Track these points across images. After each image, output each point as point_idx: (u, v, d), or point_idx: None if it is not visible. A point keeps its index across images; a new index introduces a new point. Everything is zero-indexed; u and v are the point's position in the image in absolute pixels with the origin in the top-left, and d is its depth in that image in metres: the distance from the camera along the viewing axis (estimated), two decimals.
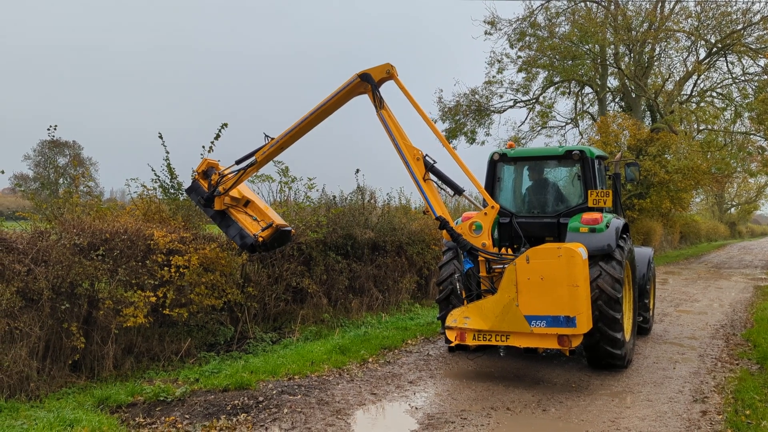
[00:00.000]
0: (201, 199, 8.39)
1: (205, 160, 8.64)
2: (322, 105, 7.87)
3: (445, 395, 6.81)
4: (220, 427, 5.69)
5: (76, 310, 7.29)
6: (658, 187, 27.27)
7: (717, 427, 5.77)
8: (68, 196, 8.87)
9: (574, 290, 6.46)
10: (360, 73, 7.63)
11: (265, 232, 8.27)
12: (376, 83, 7.58)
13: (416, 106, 7.62)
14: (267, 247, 8.52)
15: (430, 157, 7.41)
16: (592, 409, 6.34)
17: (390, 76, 7.59)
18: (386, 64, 7.59)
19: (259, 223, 8.42)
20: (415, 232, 13.12)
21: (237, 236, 8.34)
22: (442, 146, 7.57)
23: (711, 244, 52.18)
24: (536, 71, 29.35)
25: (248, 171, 8.24)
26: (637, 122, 27.35)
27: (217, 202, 8.28)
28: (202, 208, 8.57)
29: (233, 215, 8.41)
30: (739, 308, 13.48)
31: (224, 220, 8.42)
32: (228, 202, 8.41)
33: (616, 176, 9.48)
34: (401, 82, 7.60)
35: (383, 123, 7.55)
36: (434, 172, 7.35)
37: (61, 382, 7.05)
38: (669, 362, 8.33)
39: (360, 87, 7.70)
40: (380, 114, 7.58)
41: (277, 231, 8.41)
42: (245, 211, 8.55)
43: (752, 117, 26.57)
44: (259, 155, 8.12)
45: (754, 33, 26.22)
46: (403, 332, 9.96)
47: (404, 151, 7.38)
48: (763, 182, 58.42)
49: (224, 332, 9.05)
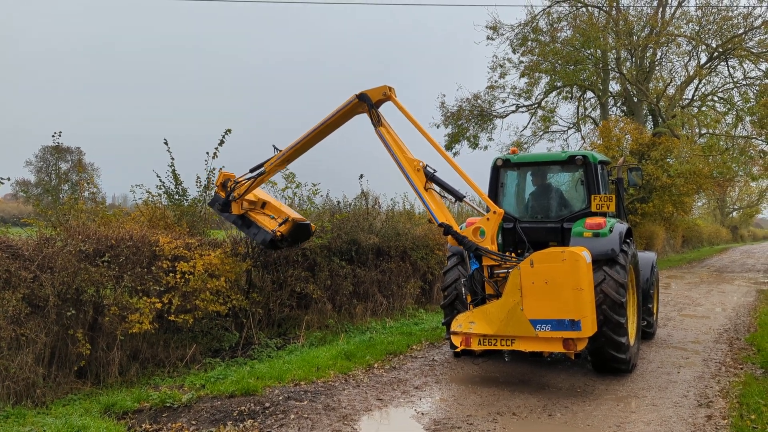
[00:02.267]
0: (219, 204, 8.85)
1: (221, 172, 9.02)
2: (322, 123, 8.24)
3: (451, 400, 6.82)
4: None
5: (82, 316, 7.33)
6: (661, 192, 27.28)
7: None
8: (73, 203, 8.91)
9: (578, 293, 6.47)
10: (358, 93, 7.92)
11: (282, 227, 8.72)
12: (374, 103, 7.84)
13: (416, 124, 7.78)
14: (289, 242, 8.98)
15: (430, 167, 7.53)
16: (597, 413, 6.35)
17: (387, 97, 7.85)
18: (384, 86, 7.86)
19: (276, 219, 8.84)
20: (419, 237, 13.14)
21: (258, 235, 8.79)
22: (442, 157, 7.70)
23: (713, 248, 52.14)
24: (538, 76, 29.39)
25: (258, 179, 8.71)
26: (639, 126, 27.38)
27: (234, 207, 8.80)
28: (223, 215, 9.00)
29: (252, 217, 8.90)
30: (743, 312, 13.47)
31: (245, 222, 8.90)
32: (246, 207, 8.90)
33: (619, 181, 9.50)
34: (399, 103, 7.84)
35: (382, 139, 7.79)
36: (435, 180, 7.51)
37: (66, 388, 7.07)
38: (673, 367, 8.33)
39: (358, 107, 8.01)
40: (378, 131, 7.83)
41: (295, 225, 8.87)
42: (263, 212, 9.00)
43: (754, 121, 26.58)
44: (267, 165, 8.60)
45: (755, 37, 26.26)
46: (408, 337, 9.97)
47: (404, 165, 7.57)
48: (764, 186, 58.33)
49: (229, 338, 9.07)
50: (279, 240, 8.70)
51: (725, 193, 66.06)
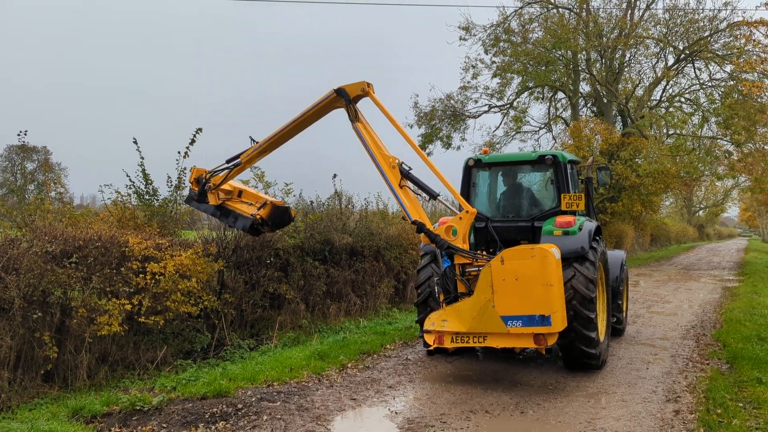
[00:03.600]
0: (195, 195, 8.81)
1: (194, 168, 8.93)
2: (300, 117, 8.21)
3: (425, 399, 6.85)
4: None
5: (49, 319, 7.16)
6: (630, 191, 27.78)
7: (690, 426, 5.89)
8: (39, 203, 8.72)
9: (548, 289, 6.56)
10: (336, 88, 7.90)
11: (261, 210, 8.72)
12: (352, 99, 7.85)
13: (393, 121, 7.83)
14: (270, 226, 8.96)
15: (406, 164, 7.55)
16: (568, 410, 6.43)
17: (365, 93, 7.85)
18: (362, 82, 7.86)
19: (254, 205, 8.85)
20: (392, 237, 13.16)
21: (237, 222, 8.82)
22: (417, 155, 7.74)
23: (680, 246, 53.24)
24: (510, 77, 29.65)
25: (234, 170, 8.68)
26: (608, 127, 27.84)
27: (211, 197, 8.78)
28: (200, 207, 8.97)
29: (230, 206, 8.89)
30: (709, 309, 13.78)
31: (223, 213, 8.90)
32: (223, 197, 8.86)
33: (588, 180, 9.65)
34: (377, 99, 7.85)
35: (358, 135, 7.79)
36: (410, 178, 7.53)
37: (33, 392, 6.90)
38: (642, 363, 8.48)
39: (336, 102, 8.00)
40: (355, 126, 7.83)
41: (275, 208, 8.86)
42: (240, 200, 8.99)
43: (719, 122, 27.22)
44: (243, 157, 8.54)
45: (720, 40, 26.85)
46: (382, 337, 9.97)
47: (380, 161, 7.56)
48: (729, 185, 59.72)
49: (201, 339, 8.96)
50: (260, 224, 8.72)
51: (692, 192, 67.67)
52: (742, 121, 25.15)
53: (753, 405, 6.40)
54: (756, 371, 7.60)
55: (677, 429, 5.84)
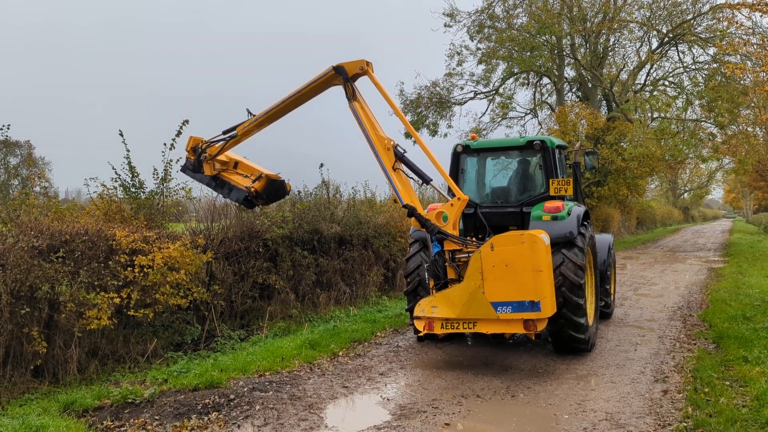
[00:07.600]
0: (190, 165, 8.77)
1: (191, 138, 8.86)
2: (297, 92, 8.11)
3: (416, 385, 6.89)
4: (191, 427, 5.64)
5: (37, 314, 7.11)
6: (616, 175, 27.97)
7: (678, 405, 5.98)
8: (24, 198, 8.63)
9: (537, 275, 6.60)
10: (335, 65, 7.78)
11: (256, 183, 8.73)
12: (350, 77, 7.74)
13: (390, 102, 7.77)
14: (265, 199, 9.00)
15: (401, 147, 7.51)
16: (559, 393, 6.50)
17: (364, 72, 7.75)
18: (361, 60, 7.74)
19: (249, 177, 8.85)
20: (381, 225, 13.17)
21: (232, 193, 8.81)
22: (408, 138, 7.71)
23: (666, 228, 53.79)
24: (496, 63, 29.66)
25: (229, 142, 8.62)
26: (594, 111, 27.93)
27: (207, 168, 8.75)
28: (195, 176, 8.92)
29: (225, 177, 8.87)
30: (695, 290, 13.95)
31: (218, 183, 8.88)
32: (218, 168, 8.82)
33: (576, 165, 9.69)
34: (376, 78, 7.75)
35: (354, 114, 7.69)
36: (404, 161, 7.48)
37: (23, 388, 6.88)
38: (630, 345, 8.58)
39: (334, 79, 7.89)
40: (352, 105, 7.73)
41: (269, 181, 8.86)
42: (236, 172, 8.97)
43: (703, 105, 27.42)
44: (240, 129, 8.46)
45: (704, 23, 27.03)
46: (372, 325, 10.00)
47: (375, 142, 7.49)
48: (714, 168, 60.33)
49: (191, 331, 8.95)
50: (254, 197, 8.73)
51: (677, 175, 68.28)
52: (725, 103, 25.34)
53: (739, 383, 6.51)
54: (742, 350, 7.71)
55: (666, 408, 5.93)
